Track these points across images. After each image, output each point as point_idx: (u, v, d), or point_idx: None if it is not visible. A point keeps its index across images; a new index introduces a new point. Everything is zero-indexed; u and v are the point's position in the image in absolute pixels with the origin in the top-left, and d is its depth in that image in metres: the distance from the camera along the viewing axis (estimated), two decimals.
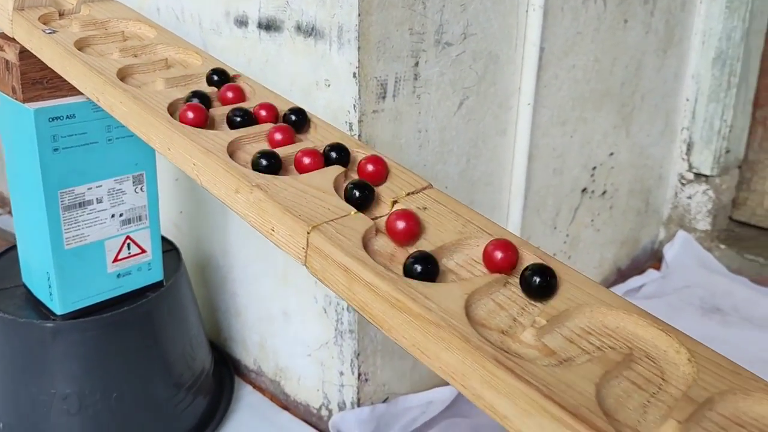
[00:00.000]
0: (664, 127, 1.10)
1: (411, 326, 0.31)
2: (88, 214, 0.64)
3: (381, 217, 0.38)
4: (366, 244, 0.34)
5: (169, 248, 0.79)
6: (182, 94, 0.46)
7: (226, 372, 0.88)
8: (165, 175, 0.88)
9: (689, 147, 1.14)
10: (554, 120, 0.88)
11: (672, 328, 0.32)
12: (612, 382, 0.29)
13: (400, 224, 0.36)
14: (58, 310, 0.65)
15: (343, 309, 0.72)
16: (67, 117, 0.60)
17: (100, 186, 0.64)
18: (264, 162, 0.40)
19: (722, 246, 1.14)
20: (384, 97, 0.66)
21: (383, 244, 0.36)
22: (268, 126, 0.44)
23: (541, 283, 0.33)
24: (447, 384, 0.82)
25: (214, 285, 0.88)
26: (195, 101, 0.46)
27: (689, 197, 1.16)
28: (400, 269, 0.34)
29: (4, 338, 0.67)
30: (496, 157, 0.82)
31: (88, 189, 0.63)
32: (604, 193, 1.02)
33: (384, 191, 0.39)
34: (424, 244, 0.35)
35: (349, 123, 0.65)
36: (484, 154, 0.80)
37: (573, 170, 0.95)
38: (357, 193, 0.38)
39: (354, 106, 0.64)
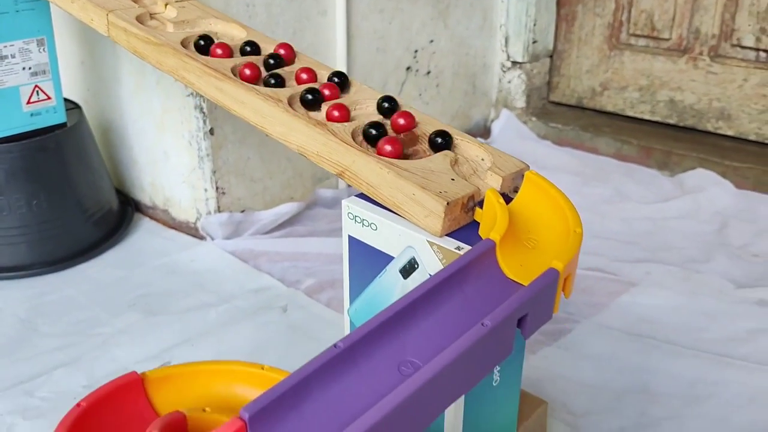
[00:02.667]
0: (482, 22, 1.38)
1: (154, 51, 0.59)
2: (5, 65, 0.90)
3: (158, 13, 0.65)
4: (140, 20, 0.62)
5: (73, 107, 1.05)
6: None
7: (129, 210, 1.15)
8: (72, 60, 1.14)
9: (506, 40, 1.42)
10: (372, 7, 1.16)
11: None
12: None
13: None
14: None
15: (200, 139, 1.00)
16: None
17: (13, 45, 0.90)
18: None
19: (534, 119, 1.44)
20: None
21: (153, 23, 0.64)
22: None
23: None
24: (291, 200, 1.11)
25: (116, 143, 1.15)
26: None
27: (509, 81, 1.45)
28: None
29: None
30: (320, 33, 1.09)
31: (4, 47, 0.90)
32: (428, 72, 1.31)
33: None
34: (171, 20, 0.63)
35: None
36: (309, 29, 1.07)
37: (396, 51, 1.23)
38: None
39: None
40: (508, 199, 0.45)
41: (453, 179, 0.45)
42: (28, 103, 0.94)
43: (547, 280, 0.37)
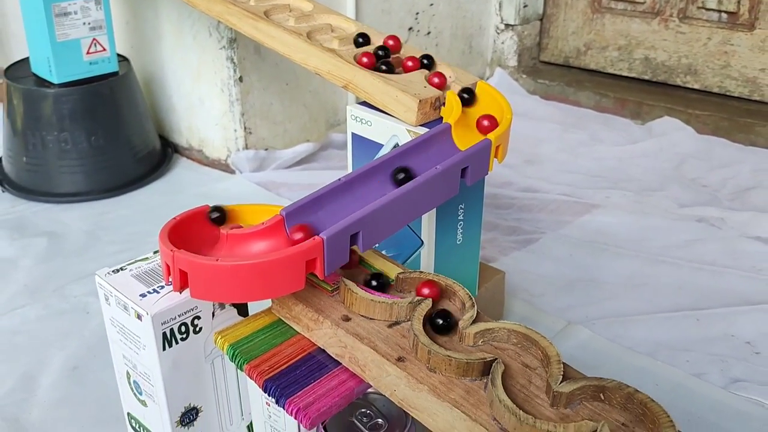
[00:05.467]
0: None
1: (239, 18, 0.76)
2: (69, 20, 1.08)
3: None
4: None
5: (122, 59, 1.24)
6: None
7: (169, 151, 1.34)
8: (118, 20, 1.32)
9: (500, 4, 1.58)
10: None
11: None
12: None
13: None
14: (56, 80, 1.10)
15: (231, 86, 1.18)
16: None
17: (75, 3, 1.08)
18: None
19: (524, 76, 1.60)
20: None
21: None
22: None
23: None
24: (308, 142, 1.29)
25: (157, 93, 1.33)
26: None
27: (503, 43, 1.61)
28: None
29: (27, 103, 1.12)
30: None
31: (69, 4, 1.08)
32: (428, 33, 1.47)
33: None
34: None
35: None
36: None
37: (399, 13, 1.40)
38: None
39: None
40: (464, 101, 0.63)
41: (425, 87, 0.63)
42: (88, 53, 1.12)
43: (483, 144, 0.55)
